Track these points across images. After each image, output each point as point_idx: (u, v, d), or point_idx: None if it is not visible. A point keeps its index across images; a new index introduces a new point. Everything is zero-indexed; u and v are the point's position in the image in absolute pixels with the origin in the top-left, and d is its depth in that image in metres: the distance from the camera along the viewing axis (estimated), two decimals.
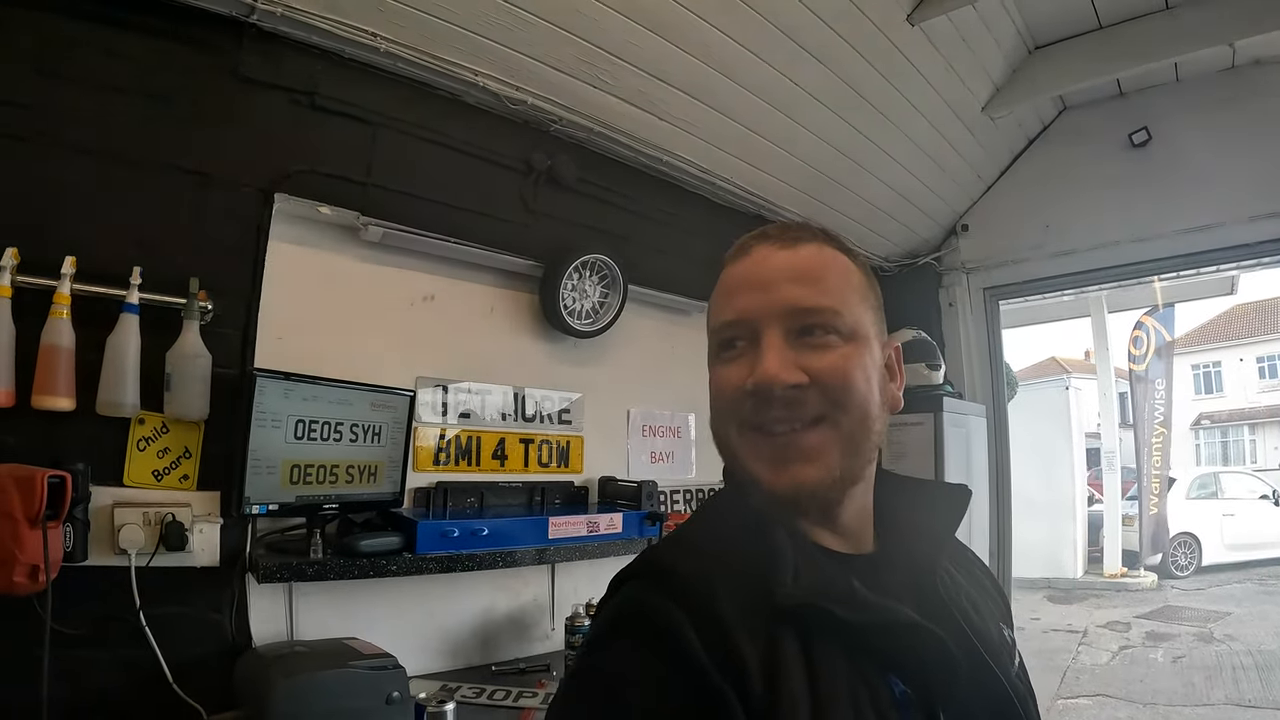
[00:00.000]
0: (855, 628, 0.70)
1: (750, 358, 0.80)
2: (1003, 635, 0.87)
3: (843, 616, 0.70)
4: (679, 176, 3.19)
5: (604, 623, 0.74)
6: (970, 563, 0.98)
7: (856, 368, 0.80)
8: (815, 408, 0.78)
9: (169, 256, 1.91)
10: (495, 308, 2.73)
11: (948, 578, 0.84)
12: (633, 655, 0.68)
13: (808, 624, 0.70)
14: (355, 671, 1.76)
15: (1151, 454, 10.73)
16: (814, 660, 0.69)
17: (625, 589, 0.75)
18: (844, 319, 0.81)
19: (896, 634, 0.71)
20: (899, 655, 0.72)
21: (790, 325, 0.79)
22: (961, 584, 0.88)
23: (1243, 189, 3.46)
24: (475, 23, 2.26)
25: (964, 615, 0.80)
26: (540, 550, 2.38)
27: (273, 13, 2.00)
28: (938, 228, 4.40)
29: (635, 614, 0.71)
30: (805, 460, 0.78)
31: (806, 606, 0.70)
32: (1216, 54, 3.39)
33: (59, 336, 1.70)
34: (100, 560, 1.77)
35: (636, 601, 0.72)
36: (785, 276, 0.81)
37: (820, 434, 0.78)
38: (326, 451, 2.08)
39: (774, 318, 0.80)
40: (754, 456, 0.80)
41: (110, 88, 1.88)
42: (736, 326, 0.82)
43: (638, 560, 0.78)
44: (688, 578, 0.71)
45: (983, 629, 0.82)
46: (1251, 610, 8.71)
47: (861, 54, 2.95)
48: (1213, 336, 20.40)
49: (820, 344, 0.79)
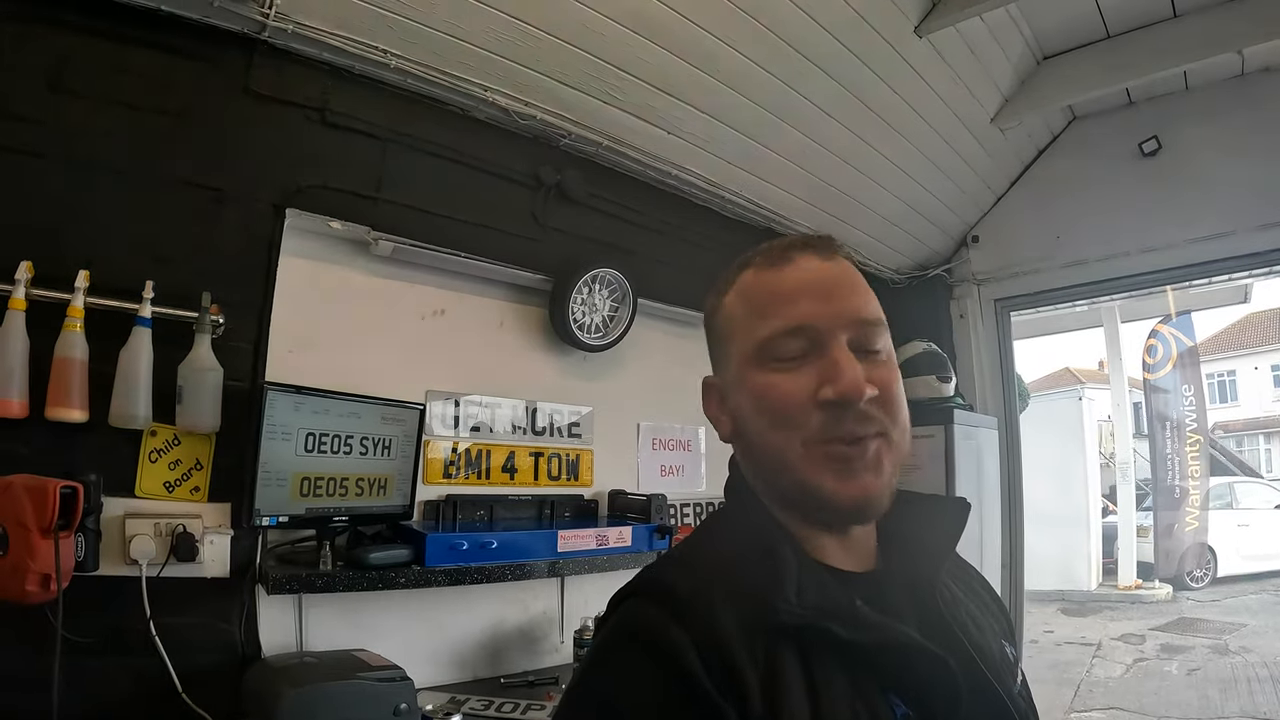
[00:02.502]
0: (857, 648, 0.70)
1: (815, 368, 0.77)
2: (1004, 652, 0.86)
3: (845, 636, 0.69)
4: (688, 190, 3.20)
5: (603, 641, 0.74)
6: (971, 578, 0.97)
7: (898, 384, 0.80)
8: (879, 422, 0.77)
9: (181, 270, 1.94)
10: (505, 322, 2.75)
11: (948, 593, 0.84)
12: (631, 675, 0.67)
13: (809, 643, 0.69)
14: (363, 683, 1.78)
15: (1188, 464, 10.50)
16: (815, 679, 0.68)
17: (624, 607, 0.74)
18: (889, 337, 0.82)
19: (898, 654, 0.71)
20: (900, 676, 0.71)
21: (854, 336, 0.78)
22: (962, 600, 0.88)
23: (1254, 197, 3.44)
24: (484, 39, 2.28)
25: (965, 632, 0.80)
26: (549, 563, 2.38)
27: (284, 30, 2.03)
28: (948, 239, 4.38)
29: (635, 633, 0.70)
30: (872, 472, 0.76)
31: (809, 626, 0.69)
32: (1226, 62, 3.37)
33: (72, 349, 1.72)
34: (112, 570, 1.79)
35: (636, 620, 0.72)
36: (845, 287, 0.81)
37: (880, 445, 0.77)
38: (336, 464, 2.09)
39: (842, 328, 0.78)
40: (819, 468, 0.77)
41: (123, 104, 1.91)
42: (799, 334, 0.78)
43: (637, 578, 0.78)
44: (688, 596, 0.71)
45: (984, 646, 0.81)
46: (1267, 622, 8.61)
47: (869, 66, 2.95)
48: (1227, 345, 20.15)
49: (877, 358, 0.79)
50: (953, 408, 3.61)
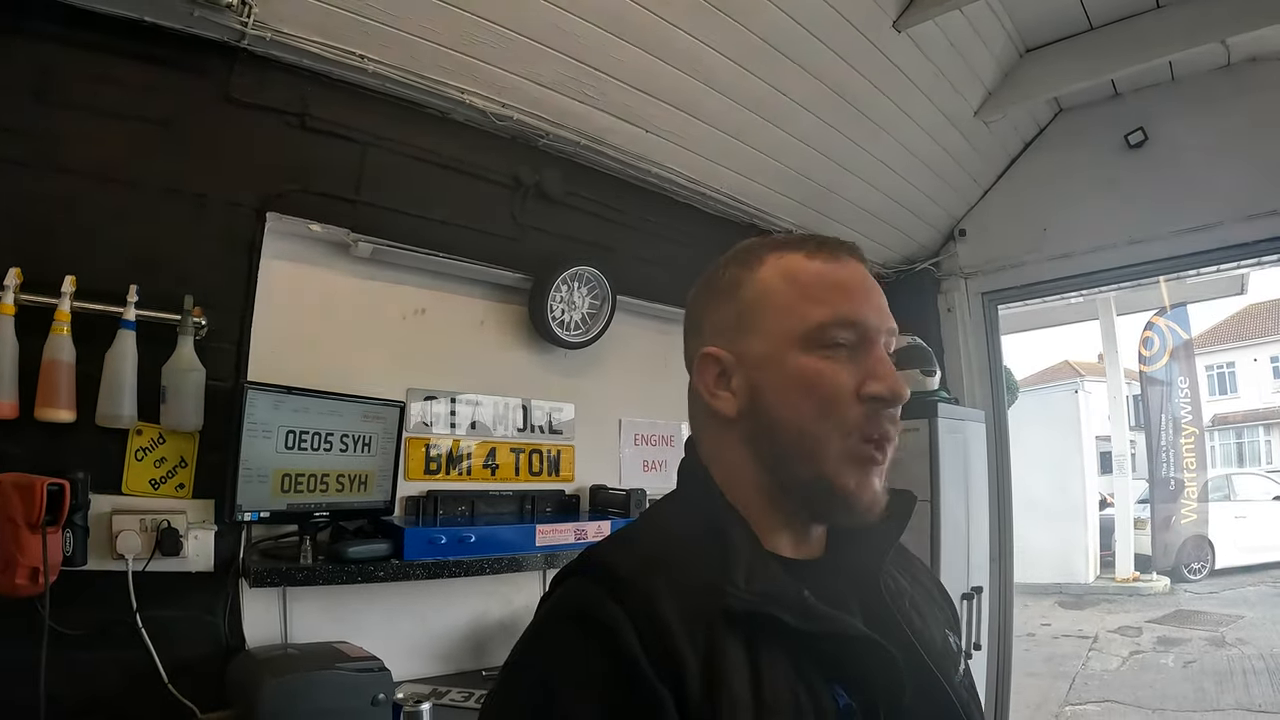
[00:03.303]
0: (804, 636, 0.71)
1: (859, 363, 0.79)
2: (948, 642, 0.88)
3: (793, 625, 0.70)
4: (667, 188, 3.21)
5: (542, 619, 0.74)
6: (916, 569, 0.99)
7: None
8: (899, 426, 0.81)
9: (164, 274, 1.98)
10: (485, 320, 2.78)
11: (893, 584, 0.86)
12: (568, 653, 0.68)
13: (756, 629, 0.70)
14: (342, 673, 1.82)
15: (1183, 456, 10.57)
16: (759, 665, 0.69)
17: (566, 585, 0.75)
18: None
19: (844, 644, 0.72)
20: (845, 666, 0.72)
21: (888, 342, 0.82)
22: (906, 589, 0.89)
23: (1241, 187, 3.42)
24: (460, 42, 2.31)
25: (908, 621, 0.81)
26: (527, 557, 2.41)
27: (263, 37, 2.06)
28: (935, 233, 4.39)
29: (574, 612, 0.71)
30: (882, 476, 0.80)
31: (757, 613, 0.70)
32: (1211, 52, 3.36)
33: (60, 352, 1.77)
34: (99, 565, 1.83)
35: (575, 598, 0.72)
36: (881, 296, 0.84)
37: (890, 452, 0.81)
38: (317, 461, 2.13)
39: (882, 334, 0.81)
40: (851, 465, 0.78)
41: (107, 113, 1.95)
42: (851, 328, 0.80)
43: (581, 556, 0.79)
44: (629, 576, 0.71)
45: (926, 636, 0.83)
46: (1264, 614, 8.62)
47: (848, 62, 2.96)
48: (1225, 337, 20.02)
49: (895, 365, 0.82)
50: (937, 401, 3.62)
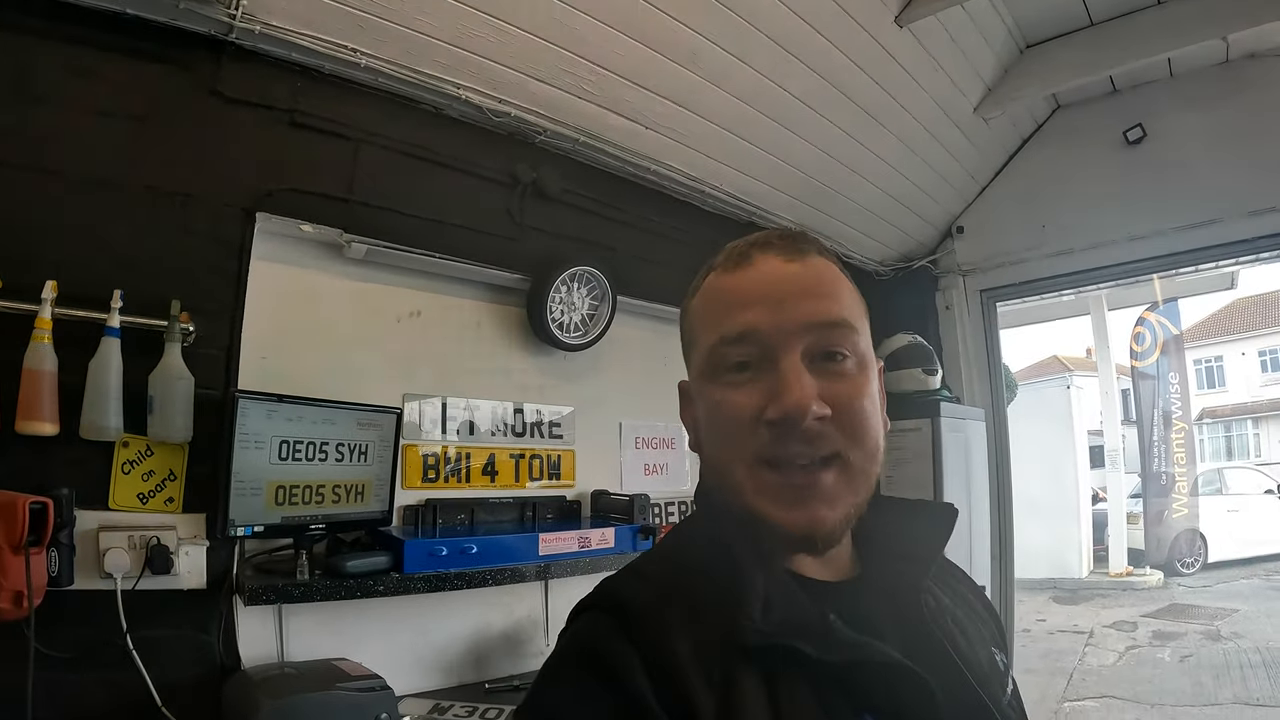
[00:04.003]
0: (828, 666, 0.66)
1: (765, 382, 0.72)
2: (993, 660, 0.82)
3: (814, 655, 0.65)
4: (667, 185, 3.16)
5: (555, 656, 0.72)
6: (958, 583, 0.93)
7: (867, 398, 0.75)
8: (833, 443, 0.72)
9: (150, 278, 1.90)
10: (483, 322, 2.72)
11: (933, 601, 0.80)
12: (578, 693, 0.66)
13: (775, 661, 0.66)
14: (343, 693, 1.75)
15: (1174, 451, 10.56)
16: (779, 699, 0.65)
17: (580, 621, 0.73)
18: (859, 339, 0.76)
19: (871, 672, 0.67)
20: (875, 694, 0.67)
21: (809, 345, 0.73)
22: (948, 607, 0.83)
23: (1240, 184, 3.44)
24: (456, 36, 2.25)
25: (951, 641, 0.76)
26: (531, 567, 2.35)
27: (251, 30, 1.99)
28: (932, 230, 4.37)
29: (585, 649, 0.69)
30: (823, 501, 0.72)
31: (774, 646, 0.66)
32: (1210, 48, 3.37)
33: (41, 361, 1.68)
34: (86, 584, 1.75)
35: (586, 636, 0.70)
36: (801, 291, 0.75)
37: (834, 473, 0.72)
38: (312, 471, 2.06)
39: (793, 336, 0.73)
40: (765, 494, 0.72)
41: (89, 109, 1.87)
42: (745, 343, 0.74)
43: (598, 589, 0.75)
44: (642, 612, 0.68)
45: (971, 656, 0.77)
46: (1259, 607, 8.69)
47: (850, 57, 2.94)
48: (1214, 331, 20.32)
49: (838, 371, 0.74)
50: (939, 400, 3.59)
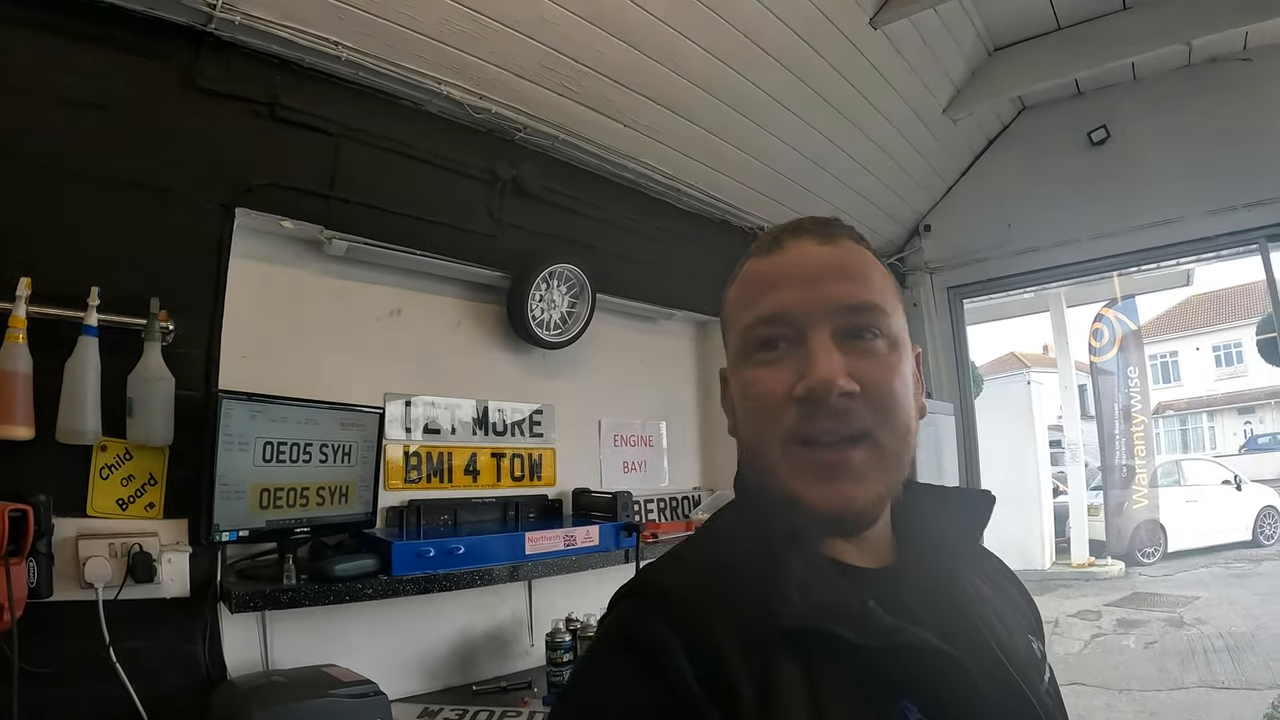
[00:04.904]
0: (867, 651, 0.65)
1: (795, 361, 0.72)
2: (1031, 649, 0.81)
3: (853, 640, 0.65)
4: (644, 183, 3.17)
5: (597, 641, 0.72)
6: (996, 571, 0.91)
7: (898, 378, 0.74)
8: (862, 420, 0.71)
9: (128, 276, 1.84)
10: (463, 320, 2.70)
11: (972, 589, 0.79)
12: (619, 679, 0.66)
13: (814, 646, 0.65)
14: (336, 700, 1.72)
15: (1134, 444, 10.78)
16: (818, 684, 0.64)
17: (621, 607, 0.72)
18: (890, 321, 0.76)
19: (910, 658, 0.66)
20: (915, 681, 0.66)
21: (839, 325, 0.73)
22: (987, 595, 0.82)
23: (1200, 184, 3.55)
24: (439, 31, 2.22)
25: (990, 629, 0.75)
26: (518, 567, 2.33)
27: (231, 21, 1.95)
28: (901, 228, 4.44)
29: (626, 635, 0.68)
30: (854, 479, 0.71)
31: (812, 630, 0.65)
32: (1173, 53, 3.46)
33: (15, 362, 1.62)
34: (66, 595, 1.69)
35: (629, 621, 0.70)
36: (831, 272, 0.75)
37: (864, 451, 0.72)
38: (296, 473, 2.02)
39: (823, 315, 0.73)
40: (797, 473, 0.72)
41: (64, 101, 1.81)
42: (776, 324, 0.74)
43: (637, 576, 0.75)
44: (684, 598, 0.68)
45: (1009, 644, 0.76)
46: (1219, 594, 8.84)
47: (825, 57, 2.97)
48: (1169, 327, 20.82)
49: (868, 349, 0.73)
50: None
